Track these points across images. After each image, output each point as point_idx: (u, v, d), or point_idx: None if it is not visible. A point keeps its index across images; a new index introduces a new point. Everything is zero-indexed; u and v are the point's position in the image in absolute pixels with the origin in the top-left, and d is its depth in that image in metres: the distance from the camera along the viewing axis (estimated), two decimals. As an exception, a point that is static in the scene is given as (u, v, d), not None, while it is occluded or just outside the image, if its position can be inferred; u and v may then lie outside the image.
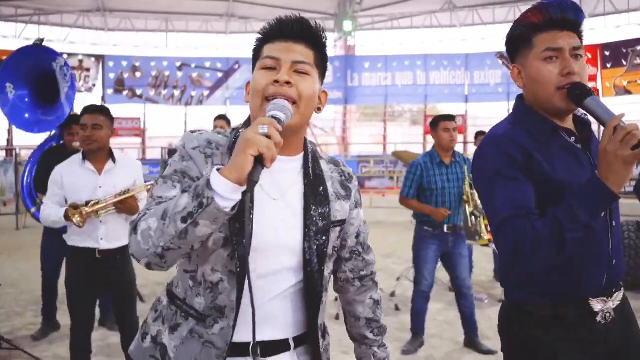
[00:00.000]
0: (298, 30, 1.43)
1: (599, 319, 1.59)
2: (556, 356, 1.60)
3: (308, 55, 1.42)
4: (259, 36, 1.47)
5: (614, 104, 20.82)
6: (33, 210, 4.37)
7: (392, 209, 12.15)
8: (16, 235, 10.92)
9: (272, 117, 1.26)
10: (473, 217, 4.32)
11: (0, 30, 22.38)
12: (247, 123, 1.48)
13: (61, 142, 4.26)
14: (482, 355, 4.21)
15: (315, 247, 1.43)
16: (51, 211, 3.30)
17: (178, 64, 22.28)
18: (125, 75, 21.70)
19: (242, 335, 1.39)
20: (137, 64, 21.92)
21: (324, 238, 1.45)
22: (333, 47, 24.51)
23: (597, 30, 22.06)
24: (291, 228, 1.41)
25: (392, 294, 5.78)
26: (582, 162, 1.62)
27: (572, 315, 1.59)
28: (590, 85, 20.01)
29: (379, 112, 24.85)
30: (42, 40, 3.85)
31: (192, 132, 1.44)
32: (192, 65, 22.39)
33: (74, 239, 3.33)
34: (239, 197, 1.20)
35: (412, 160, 4.42)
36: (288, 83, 1.35)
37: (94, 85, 21.29)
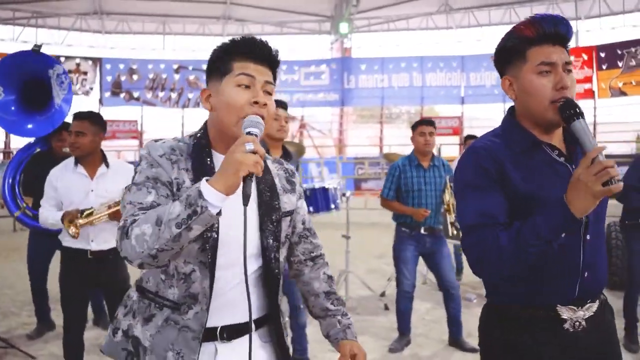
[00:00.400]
0: (267, 53, 1.59)
1: (566, 326, 1.64)
2: (527, 357, 1.66)
3: (271, 76, 1.60)
4: (224, 47, 1.60)
5: (610, 105, 20.95)
6: (17, 213, 4.42)
7: (387, 211, 12.19)
8: (13, 237, 10.99)
9: (250, 133, 1.44)
10: (454, 228, 4.41)
11: (-3, 33, 22.46)
12: (204, 129, 1.63)
13: (47, 147, 4.35)
14: (466, 353, 4.30)
15: (271, 236, 1.62)
16: (49, 214, 3.40)
17: (175, 67, 22.36)
18: (123, 78, 21.76)
19: (211, 320, 1.55)
20: (134, 67, 21.99)
21: (277, 227, 1.64)
22: (329, 49, 24.61)
23: (592, 32, 22.19)
24: (249, 221, 1.51)
25: (382, 294, 5.87)
26: (563, 176, 1.62)
27: (541, 320, 1.65)
28: (586, 86, 20.16)
29: (376, 113, 24.93)
30: (41, 46, 3.93)
31: (156, 141, 1.58)
32: (189, 67, 22.46)
33: (67, 239, 3.42)
34: (223, 203, 1.37)
35: (392, 162, 4.53)
36: (265, 104, 1.52)
37: (91, 88, 21.36)
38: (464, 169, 1.71)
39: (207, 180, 1.37)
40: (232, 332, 1.59)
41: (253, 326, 1.51)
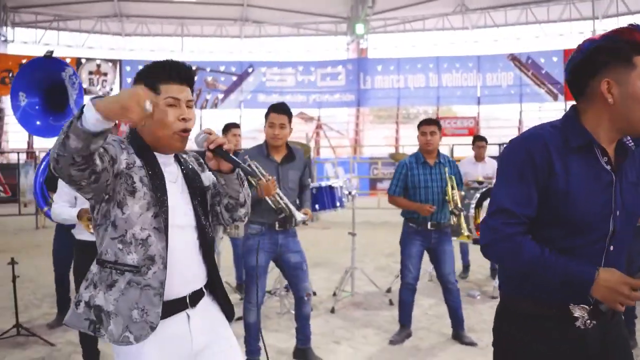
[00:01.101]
0: (184, 75, 1.91)
1: (577, 324, 1.70)
2: (534, 355, 1.74)
3: (189, 93, 1.94)
4: (147, 74, 1.92)
5: (627, 105, 20.78)
6: (46, 209, 4.72)
7: (399, 210, 12.32)
8: (35, 234, 11.33)
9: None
10: (453, 215, 4.55)
11: (20, 36, 22.98)
12: (133, 134, 1.93)
13: None
14: (464, 347, 4.43)
15: (200, 207, 1.98)
16: (62, 210, 3.64)
17: (193, 68, 22.64)
18: (142, 79, 22.10)
19: (175, 291, 1.88)
20: (153, 68, 22.33)
21: (203, 199, 2.03)
22: (346, 50, 24.77)
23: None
24: (180, 197, 1.94)
25: (388, 290, 6.02)
26: (603, 182, 1.68)
27: (552, 317, 1.72)
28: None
29: (393, 114, 25.02)
30: (52, 52, 4.19)
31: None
32: (207, 69, 22.76)
33: (81, 233, 3.65)
34: (100, 125, 1.54)
35: (400, 160, 4.69)
36: (190, 119, 1.90)
37: (111, 89, 21.75)
38: (515, 151, 1.74)
39: (95, 98, 1.56)
40: (196, 297, 1.94)
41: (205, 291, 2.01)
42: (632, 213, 1.72)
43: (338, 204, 5.08)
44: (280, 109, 3.84)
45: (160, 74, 1.87)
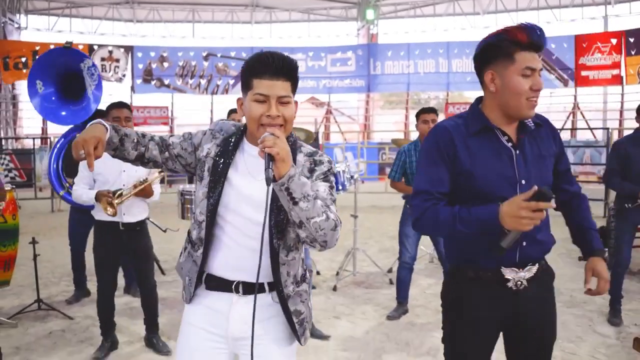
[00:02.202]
0: (280, 67, 1.81)
1: (510, 284, 2.01)
2: (472, 307, 2.04)
3: (287, 88, 1.84)
4: (246, 68, 1.87)
5: (638, 92, 20.73)
6: (62, 192, 4.98)
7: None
8: (51, 217, 11.68)
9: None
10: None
11: (33, 23, 23.29)
12: (245, 127, 2.00)
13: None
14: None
15: (274, 220, 1.86)
16: (82, 192, 3.91)
17: (204, 54, 22.81)
18: (154, 66, 22.33)
19: (227, 274, 1.95)
20: (165, 54, 22.54)
21: (282, 215, 1.85)
22: (356, 36, 24.83)
23: (621, 17, 21.97)
24: (258, 197, 1.84)
25: (389, 270, 6.27)
26: (505, 158, 1.98)
27: (487, 277, 2.02)
28: (614, 72, 19.99)
29: (403, 99, 25.10)
30: (71, 43, 4.42)
31: (220, 121, 2.10)
32: (218, 54, 22.83)
33: (100, 214, 3.92)
34: None
35: (399, 148, 4.91)
36: (278, 116, 1.82)
37: (123, 76, 22.02)
38: (426, 142, 2.08)
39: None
40: (247, 287, 1.92)
41: (267, 287, 1.95)
42: (539, 181, 1.90)
43: (340, 187, 5.31)
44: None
45: (253, 70, 1.83)
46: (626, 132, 11.67)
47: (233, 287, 1.93)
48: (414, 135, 21.91)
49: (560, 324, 4.63)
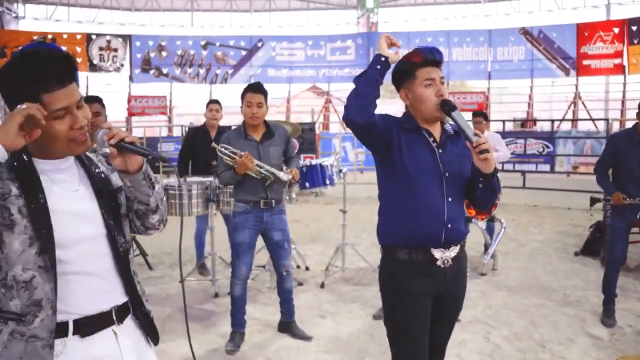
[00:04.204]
0: (62, 72, 1.57)
1: (438, 263, 2.37)
2: (408, 285, 2.36)
3: (77, 91, 1.64)
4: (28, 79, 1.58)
5: (640, 81, 20.52)
6: None
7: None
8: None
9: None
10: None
11: (32, 12, 23.14)
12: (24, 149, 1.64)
13: None
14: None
15: (111, 213, 1.70)
16: None
17: (203, 43, 22.68)
18: (152, 55, 22.20)
19: (93, 305, 1.65)
20: (163, 43, 22.40)
21: (115, 204, 1.74)
22: (355, 24, 24.61)
23: (624, 5, 21.70)
24: (92, 203, 1.68)
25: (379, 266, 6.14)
26: (430, 152, 2.38)
27: (419, 259, 2.36)
28: (616, 61, 19.73)
29: (403, 89, 24.89)
30: (45, 38, 4.31)
31: None
32: (217, 44, 22.77)
33: None
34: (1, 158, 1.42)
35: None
36: (83, 125, 1.61)
37: (121, 65, 21.90)
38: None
39: None
40: (122, 313, 1.71)
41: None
42: (459, 175, 2.38)
43: (328, 181, 5.20)
44: (256, 89, 3.94)
45: (39, 83, 1.55)
46: (628, 124, 11.51)
47: (114, 316, 1.68)
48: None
49: (551, 324, 4.55)
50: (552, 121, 16.88)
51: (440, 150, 2.39)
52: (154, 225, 1.83)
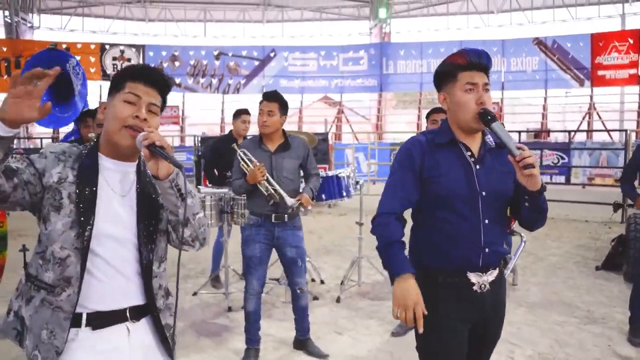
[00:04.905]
0: (155, 79, 1.82)
1: (475, 288, 2.19)
2: (443, 311, 2.17)
3: (158, 99, 1.83)
4: (120, 71, 1.85)
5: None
6: None
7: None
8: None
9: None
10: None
11: (46, 22, 23.34)
12: (98, 137, 1.86)
13: (78, 136, 4.69)
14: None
15: (146, 225, 1.81)
16: None
17: (216, 53, 22.75)
18: (165, 65, 22.28)
19: (107, 301, 1.76)
20: (176, 54, 22.50)
21: (156, 217, 1.84)
22: (368, 35, 24.58)
23: (640, 15, 21.53)
24: (132, 211, 1.80)
25: (396, 280, 6.00)
26: (466, 169, 2.19)
27: (455, 283, 2.20)
28: (631, 72, 19.53)
29: (416, 99, 24.82)
30: (55, 44, 4.26)
31: (54, 143, 1.85)
32: (230, 54, 22.83)
33: None
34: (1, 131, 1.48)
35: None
36: (145, 120, 1.76)
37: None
38: (399, 152, 2.29)
39: None
40: (137, 312, 1.81)
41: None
42: (498, 194, 2.19)
43: (344, 193, 5.08)
44: (270, 97, 3.84)
45: (131, 73, 1.82)
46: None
47: (128, 314, 1.80)
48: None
49: (577, 343, 4.39)
50: (569, 132, 16.67)
51: (477, 166, 2.19)
52: (187, 240, 1.86)
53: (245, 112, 5.81)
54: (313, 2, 24.05)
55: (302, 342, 4.11)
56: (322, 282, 6.00)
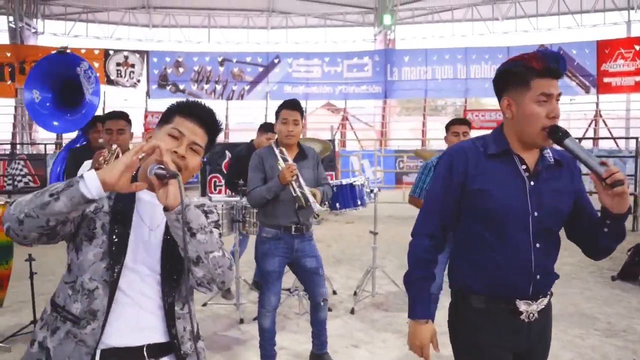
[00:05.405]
0: (206, 119, 1.78)
1: (522, 317, 1.97)
2: (485, 339, 1.99)
3: (204, 139, 1.79)
4: (174, 106, 1.82)
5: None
6: None
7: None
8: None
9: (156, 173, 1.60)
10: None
11: (50, 28, 23.28)
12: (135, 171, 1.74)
13: (84, 142, 4.57)
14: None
15: (172, 262, 1.73)
16: None
17: (220, 59, 22.66)
18: (169, 71, 22.21)
19: (123, 337, 1.67)
20: (180, 59, 22.41)
21: (180, 258, 1.70)
22: (373, 41, 24.52)
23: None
24: (158, 246, 1.73)
25: (410, 290, 5.87)
26: (516, 184, 1.95)
27: (500, 309, 1.97)
28: (637, 79, 19.43)
29: (420, 106, 24.72)
30: (66, 47, 4.15)
31: None
32: (234, 60, 22.74)
33: None
34: (96, 191, 1.48)
35: (425, 162, 4.52)
36: (183, 157, 1.71)
37: (138, 81, 21.90)
38: (441, 162, 2.09)
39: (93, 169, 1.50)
40: (157, 351, 1.71)
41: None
42: (553, 216, 1.95)
43: (359, 202, 4.97)
44: (293, 105, 3.72)
45: (182, 108, 1.78)
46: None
47: (145, 352, 1.69)
48: (432, 143, 21.50)
49: (601, 357, 4.26)
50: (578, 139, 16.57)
51: (532, 182, 1.95)
52: (201, 280, 1.69)
53: (270, 130, 5.66)
54: (317, 8, 24.01)
55: (319, 356, 3.98)
56: (334, 292, 5.88)
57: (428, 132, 22.55)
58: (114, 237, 1.65)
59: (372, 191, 5.26)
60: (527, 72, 1.88)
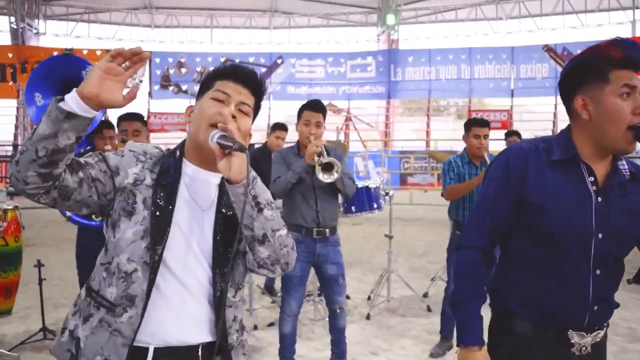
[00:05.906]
0: (247, 78, 1.62)
1: (573, 350, 1.71)
2: None
3: (251, 99, 1.63)
4: (212, 71, 1.66)
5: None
6: (68, 214, 4.42)
7: (433, 206, 12.07)
8: (65, 227, 11.29)
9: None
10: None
11: (52, 28, 23.19)
12: (183, 142, 1.63)
13: (88, 147, 4.43)
14: None
15: (224, 245, 1.55)
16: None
17: (222, 60, 22.54)
18: (171, 71, 22.11)
19: (180, 334, 1.51)
20: (183, 60, 22.31)
21: (232, 238, 1.53)
22: (376, 41, 24.41)
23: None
24: (205, 227, 1.55)
25: (425, 295, 5.76)
26: (582, 199, 1.67)
27: (549, 338, 1.72)
28: (643, 79, 19.43)
29: (423, 106, 24.62)
30: (71, 49, 4.02)
31: (136, 143, 1.63)
32: (236, 60, 22.62)
33: None
34: (73, 102, 1.30)
35: (440, 160, 4.42)
36: (234, 117, 1.52)
37: (140, 82, 21.78)
38: (497, 162, 1.80)
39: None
40: (211, 351, 1.53)
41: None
42: (619, 239, 1.69)
43: (375, 205, 4.84)
44: (317, 107, 3.61)
45: (220, 72, 1.62)
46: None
47: (200, 353, 1.52)
48: (436, 144, 21.40)
49: (630, 366, 4.16)
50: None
51: (599, 198, 1.66)
52: (265, 262, 1.52)
53: (280, 127, 5.62)
54: (320, 8, 23.90)
55: (339, 365, 3.87)
56: (347, 297, 5.76)
57: (431, 133, 22.45)
58: (157, 212, 1.48)
59: (387, 194, 5.15)
60: (604, 64, 1.62)
